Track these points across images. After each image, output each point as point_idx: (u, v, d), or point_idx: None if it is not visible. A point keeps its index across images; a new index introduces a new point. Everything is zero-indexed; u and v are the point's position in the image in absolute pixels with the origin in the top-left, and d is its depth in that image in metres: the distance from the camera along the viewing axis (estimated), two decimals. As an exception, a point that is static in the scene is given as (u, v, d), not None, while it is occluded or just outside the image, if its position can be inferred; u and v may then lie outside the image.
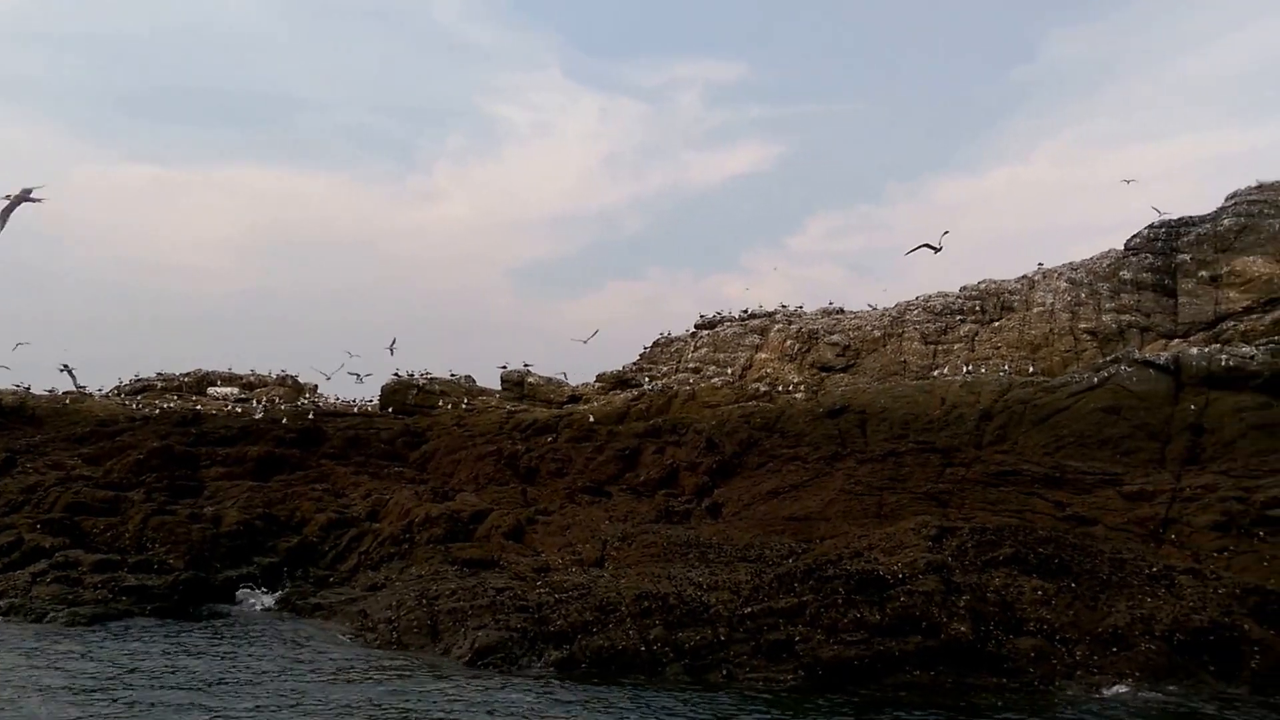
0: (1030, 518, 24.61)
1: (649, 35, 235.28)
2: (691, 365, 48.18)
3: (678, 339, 54.42)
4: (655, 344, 55.47)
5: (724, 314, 55.89)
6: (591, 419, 40.26)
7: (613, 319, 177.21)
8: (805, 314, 53.01)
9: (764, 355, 47.44)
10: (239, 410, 54.08)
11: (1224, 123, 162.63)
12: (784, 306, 55.59)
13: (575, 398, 49.78)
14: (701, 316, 56.30)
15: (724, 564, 22.99)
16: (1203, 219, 43.87)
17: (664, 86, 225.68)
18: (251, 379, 67.74)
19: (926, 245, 29.06)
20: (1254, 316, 35.50)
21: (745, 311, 55.15)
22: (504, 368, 55.34)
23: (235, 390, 65.17)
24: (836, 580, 19.29)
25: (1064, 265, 47.20)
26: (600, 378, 52.28)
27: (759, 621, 18.59)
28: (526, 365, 54.35)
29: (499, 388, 54.92)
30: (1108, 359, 33.20)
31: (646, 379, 47.74)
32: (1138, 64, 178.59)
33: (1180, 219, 45.09)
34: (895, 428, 32.25)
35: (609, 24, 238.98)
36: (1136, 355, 31.79)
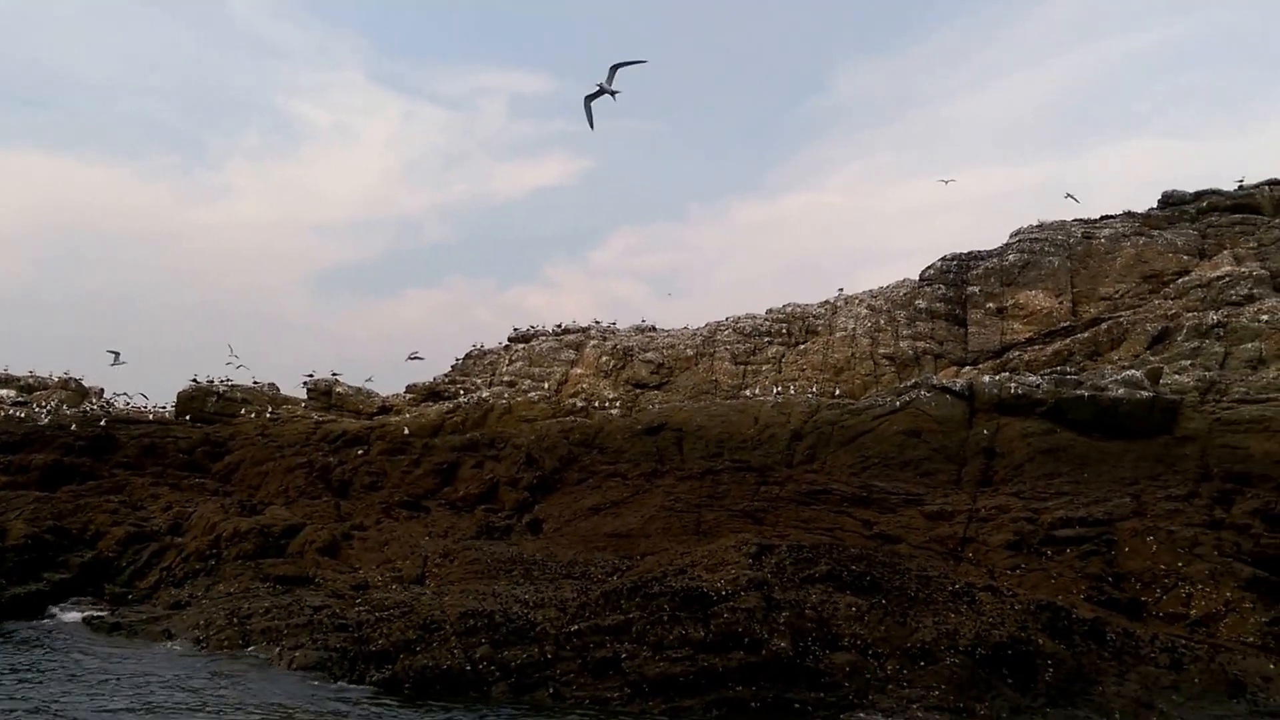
0: (841, 535, 25.71)
1: (454, 43, 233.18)
2: (506, 379, 48.02)
3: (491, 351, 54.23)
4: (468, 356, 55.09)
5: (537, 328, 55.97)
6: (406, 431, 39.73)
7: (412, 327, 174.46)
8: (619, 331, 53.65)
9: (579, 371, 47.76)
10: (20, 415, 50.87)
11: (998, 161, 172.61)
12: (597, 322, 56.11)
13: (386, 409, 48.91)
14: (515, 330, 56.26)
15: (549, 581, 23.15)
16: (990, 254, 46.67)
17: (469, 95, 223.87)
18: (30, 380, 63.70)
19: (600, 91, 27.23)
20: (1036, 347, 37.95)
21: (559, 326, 55.39)
22: (310, 376, 53.83)
23: (12, 393, 61.17)
24: (662, 597, 19.68)
25: (864, 293, 49.31)
26: (411, 389, 51.55)
27: (586, 639, 18.77)
28: (334, 374, 53.06)
29: (304, 396, 53.39)
30: (908, 384, 34.90)
31: (461, 392, 47.36)
32: (922, 103, 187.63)
33: (969, 253, 47.84)
34: (711, 446, 33.09)
35: (414, 29, 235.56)
36: (935, 381, 33.54)
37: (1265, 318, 32.86)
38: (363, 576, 25.16)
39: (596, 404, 42.54)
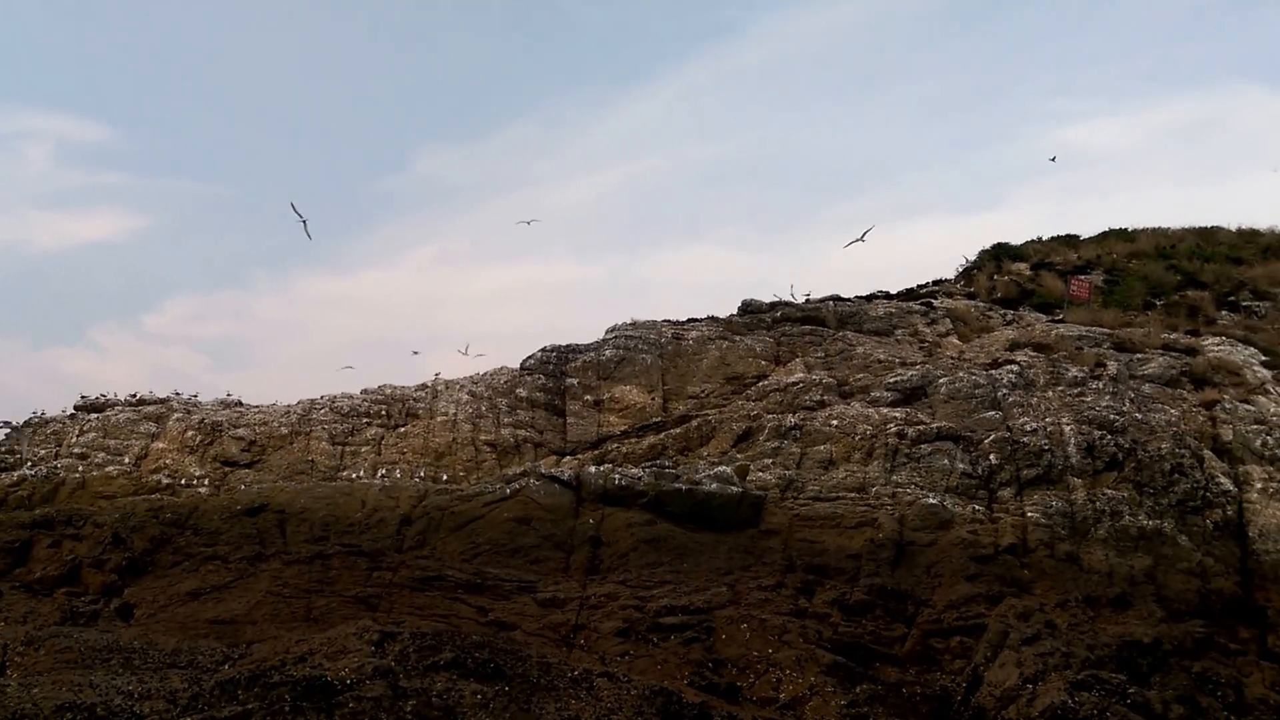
0: (457, 622, 25.66)
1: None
2: (77, 451, 43.66)
3: (54, 420, 49.10)
4: (26, 424, 49.61)
5: (109, 396, 51.62)
6: (-38, 505, 35.34)
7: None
8: (204, 404, 50.54)
9: (162, 445, 44.30)
10: None
11: (570, 256, 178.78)
12: (178, 394, 52.60)
13: (-76, 479, 43.10)
14: (84, 398, 51.34)
15: (153, 670, 21.41)
16: (588, 347, 48.64)
17: (7, 137, 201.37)
18: None
19: None
20: (632, 440, 39.81)
21: (134, 395, 51.42)
22: None
23: None
24: (283, 687, 18.93)
25: (465, 378, 49.63)
26: (-45, 458, 45.79)
27: (199, 733, 17.69)
28: None
29: None
30: (517, 472, 35.46)
31: (29, 463, 42.63)
32: (499, 192, 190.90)
33: (568, 346, 49.58)
34: (316, 529, 31.81)
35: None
36: (543, 470, 34.36)
37: (835, 422, 36.48)
38: (-71, 668, 22.05)
39: (184, 481, 39.77)
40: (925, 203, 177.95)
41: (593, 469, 33.99)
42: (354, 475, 39.77)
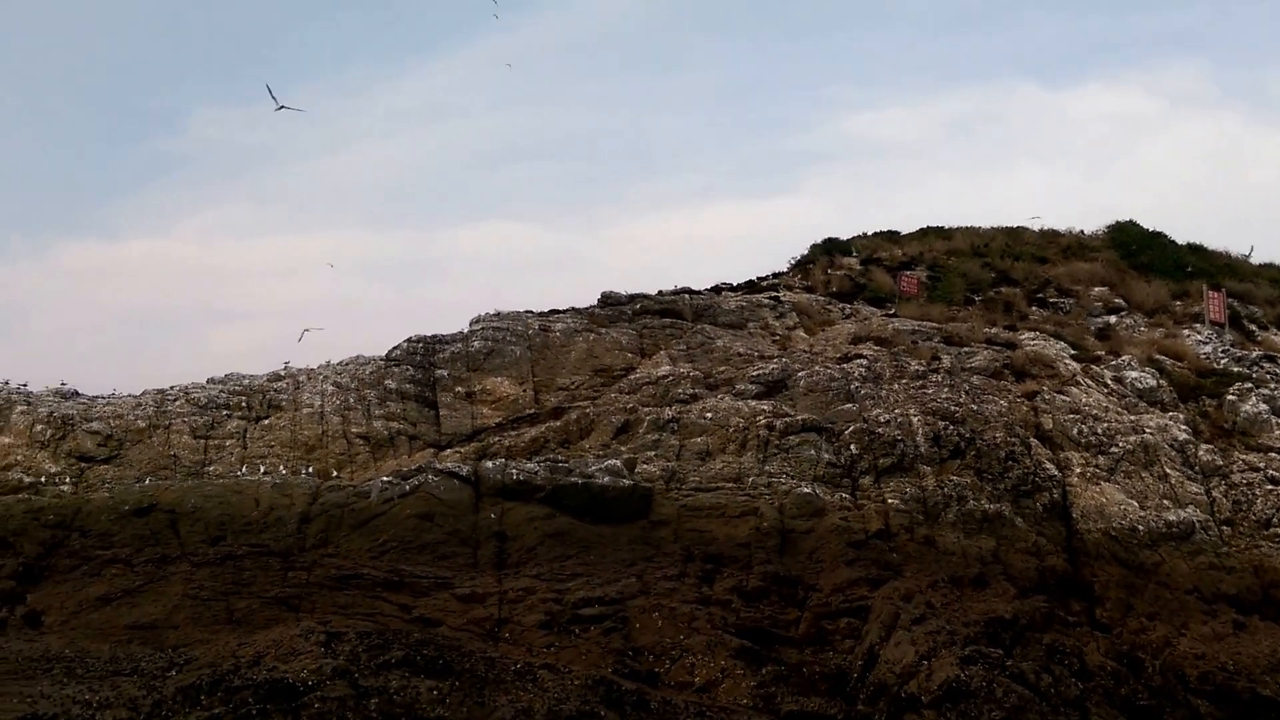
0: (383, 620, 26.20)
1: None
2: (-88, 449, 41.46)
3: (-124, 416, 46.32)
4: None
5: (-88, 387, 48.79)
6: None
7: None
8: (37, 394, 48.44)
9: (9, 440, 42.19)
10: None
11: (359, 225, 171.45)
12: (6, 383, 50.24)
13: None
14: (-120, 388, 48.49)
15: (100, 679, 21.41)
16: (454, 338, 48.85)
17: None
18: None
19: None
20: (512, 433, 40.45)
21: (-55, 386, 48.74)
22: None
23: None
24: (245, 690, 19.37)
25: (325, 367, 49.10)
26: None
27: (168, 739, 18.02)
28: None
29: None
30: (413, 468, 35.69)
31: None
32: (281, 158, 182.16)
33: (434, 336, 49.60)
34: (212, 529, 31.46)
35: None
36: (439, 465, 34.84)
37: (709, 415, 38.21)
38: None
39: (43, 480, 38.31)
40: (720, 186, 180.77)
41: (489, 464, 34.69)
42: (233, 471, 39.12)
